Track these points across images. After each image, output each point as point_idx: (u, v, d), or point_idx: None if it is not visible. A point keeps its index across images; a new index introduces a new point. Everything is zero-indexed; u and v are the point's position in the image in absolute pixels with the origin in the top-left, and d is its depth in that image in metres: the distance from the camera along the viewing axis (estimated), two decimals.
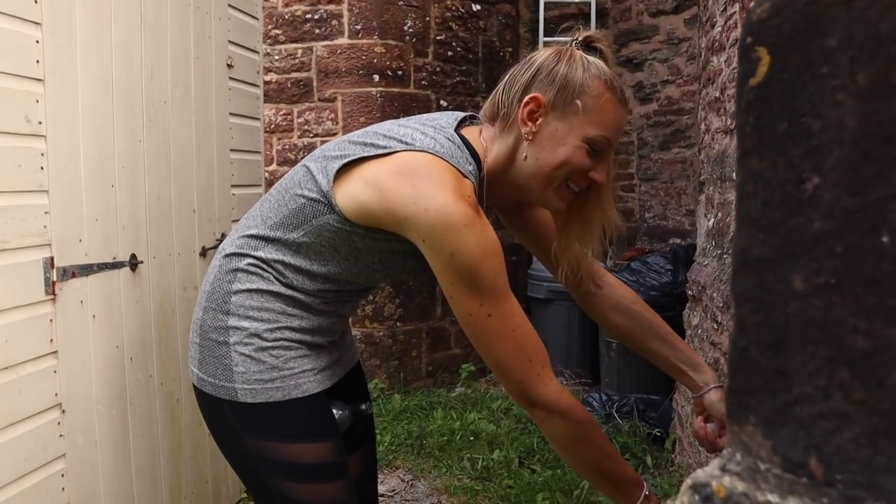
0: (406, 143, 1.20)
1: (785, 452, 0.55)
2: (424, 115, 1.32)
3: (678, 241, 4.83)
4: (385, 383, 3.88)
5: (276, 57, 3.80)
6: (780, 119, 0.54)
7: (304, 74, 3.79)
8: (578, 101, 1.18)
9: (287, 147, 3.84)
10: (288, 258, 1.26)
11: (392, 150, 1.19)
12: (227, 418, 1.28)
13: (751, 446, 0.59)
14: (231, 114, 2.33)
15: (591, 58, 1.22)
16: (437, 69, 3.93)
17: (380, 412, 3.60)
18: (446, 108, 3.96)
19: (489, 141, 1.28)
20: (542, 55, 1.24)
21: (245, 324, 1.26)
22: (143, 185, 1.86)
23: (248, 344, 1.26)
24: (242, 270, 1.28)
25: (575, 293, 1.53)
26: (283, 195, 1.29)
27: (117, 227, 1.76)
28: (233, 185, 2.37)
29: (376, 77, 3.73)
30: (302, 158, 3.94)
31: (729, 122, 2.54)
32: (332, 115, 3.78)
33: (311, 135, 3.82)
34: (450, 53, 3.98)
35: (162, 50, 1.95)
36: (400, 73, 3.79)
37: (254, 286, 1.27)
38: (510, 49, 4.33)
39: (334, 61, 3.76)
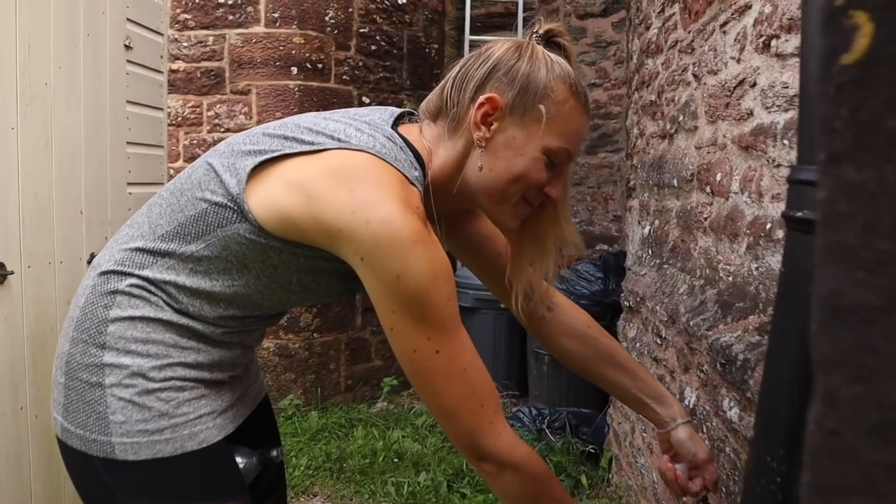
0: (339, 140, 0.98)
1: None
2: (352, 110, 1.10)
3: (605, 247, 4.76)
4: (301, 399, 3.61)
5: (185, 44, 3.47)
6: (892, 111, 0.37)
7: (215, 64, 3.48)
8: (542, 107, 1.01)
9: (195, 142, 3.51)
10: (182, 278, 1.01)
11: (322, 148, 0.97)
12: (100, 479, 1.02)
13: None
14: (129, 101, 2.04)
15: (553, 56, 1.04)
16: (360, 63, 3.70)
17: (295, 432, 3.33)
18: (370, 105, 3.73)
19: (433, 142, 1.08)
20: (499, 48, 1.05)
21: (125, 360, 1.01)
22: (14, 181, 1.56)
23: (128, 386, 1.00)
24: (123, 293, 1.02)
25: (523, 317, 1.34)
26: (178, 198, 1.03)
27: None
28: (129, 183, 2.07)
29: (294, 69, 3.46)
30: None
31: (667, 127, 2.43)
32: (246, 109, 3.49)
33: (223, 129, 3.51)
34: (373, 47, 3.76)
35: (42, 22, 1.65)
36: (320, 66, 3.53)
37: (137, 313, 1.01)
38: (436, 46, 4.15)
39: (249, 51, 3.47)
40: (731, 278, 1.63)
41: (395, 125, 1.06)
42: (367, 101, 3.72)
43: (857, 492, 0.39)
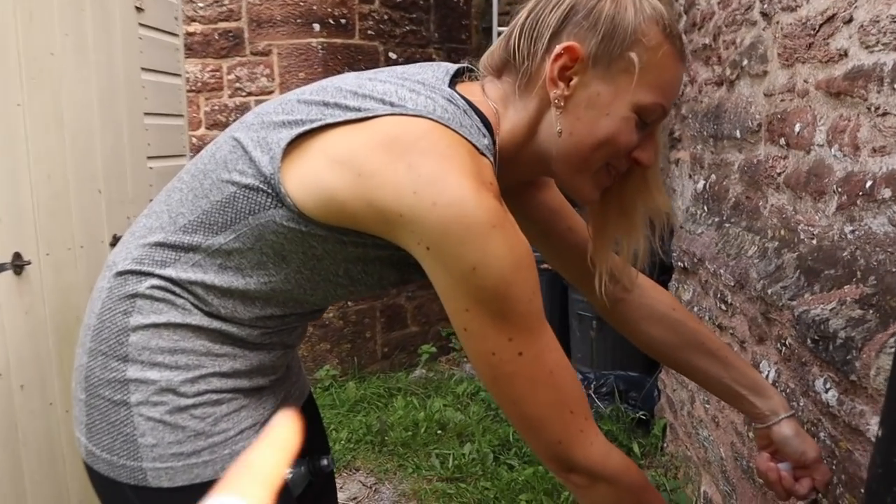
0: (391, 105, 0.81)
1: None
2: (399, 68, 0.93)
3: None
4: (337, 369, 3.52)
5: (200, 4, 3.30)
6: None
7: (233, 24, 3.31)
8: (632, 55, 0.83)
9: (217, 108, 3.37)
10: (211, 276, 0.87)
11: (372, 114, 0.81)
12: None
13: None
14: (143, 69, 1.89)
15: None
16: (385, 17, 3.50)
17: (333, 403, 3.25)
18: (397, 61, 3.55)
19: (500, 103, 0.91)
20: None
21: (152, 374, 0.88)
22: (25, 162, 1.43)
23: (158, 403, 0.87)
24: (144, 296, 0.88)
25: (596, 299, 1.19)
26: (201, 182, 0.88)
27: None
28: (149, 157, 1.94)
29: (316, 26, 3.28)
30: (235, 121, 3.48)
31: (726, 72, 2.23)
32: (268, 71, 3.33)
33: (244, 93, 3.36)
34: None
35: None
36: (343, 21, 3.35)
37: (162, 319, 0.88)
38: None
39: (268, 9, 3.29)
40: (815, 241, 1.46)
41: (452, 84, 0.90)
42: (394, 56, 3.54)
43: None
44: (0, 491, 1.35)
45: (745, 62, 1.97)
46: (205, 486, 0.88)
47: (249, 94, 3.35)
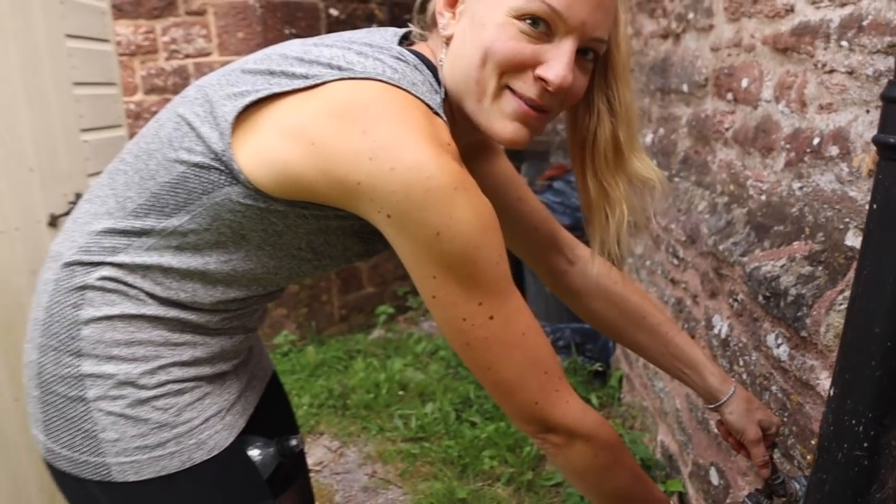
0: (339, 69, 0.78)
1: None
2: (345, 34, 0.88)
3: None
4: (295, 334, 3.49)
5: None
6: None
7: None
8: None
9: (154, 72, 3.22)
10: (168, 259, 0.84)
11: (320, 81, 0.77)
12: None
13: None
14: (68, 35, 1.79)
15: None
16: None
17: (293, 369, 3.23)
18: (338, 18, 3.44)
19: (435, 56, 0.87)
20: None
21: (109, 368, 0.85)
22: None
23: (117, 397, 0.85)
24: (94, 288, 0.85)
25: (541, 270, 1.18)
26: (146, 162, 0.84)
27: None
28: (83, 130, 1.84)
29: None
30: (174, 84, 3.36)
31: (671, 25, 2.21)
32: (205, 32, 3.19)
33: (182, 55, 3.22)
34: None
35: None
36: None
37: (115, 311, 0.84)
38: None
39: None
40: (764, 197, 1.48)
41: (401, 45, 0.87)
42: (335, 13, 3.43)
43: None
44: None
45: (691, 15, 1.96)
46: (172, 478, 0.87)
47: (187, 56, 3.21)
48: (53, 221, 1.68)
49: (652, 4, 2.50)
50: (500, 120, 0.82)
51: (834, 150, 1.18)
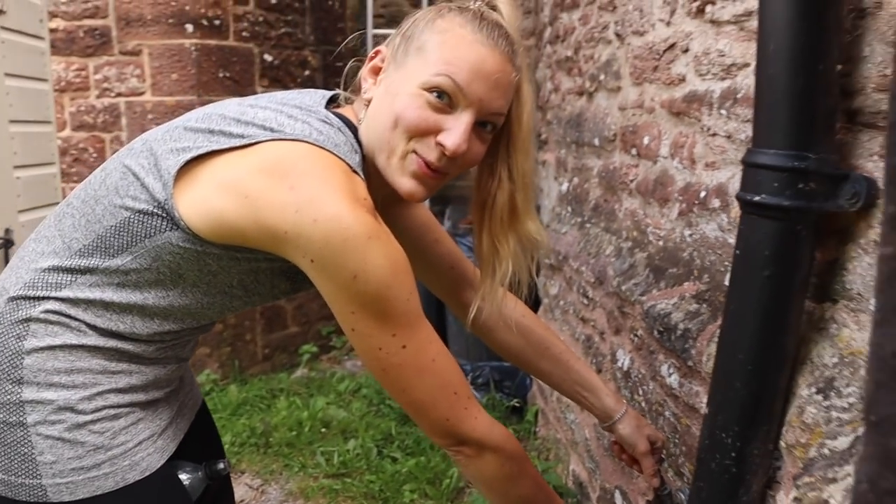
0: (271, 130, 0.89)
1: None
2: (279, 94, 1.00)
3: None
4: (218, 373, 3.48)
5: (63, 0, 3.16)
6: None
7: (99, 22, 3.20)
8: (423, 38, 0.93)
9: (84, 108, 3.24)
10: (109, 294, 0.91)
11: (254, 140, 0.88)
12: None
13: None
14: (7, 74, 1.83)
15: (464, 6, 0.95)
16: (260, 19, 3.49)
17: (215, 408, 3.21)
18: (272, 63, 3.54)
19: (357, 118, 1.00)
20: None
21: (49, 394, 0.91)
22: None
23: (56, 422, 0.91)
24: (38, 320, 0.91)
25: (454, 305, 1.30)
26: (93, 207, 0.93)
27: None
28: (16, 167, 1.87)
29: (189, 27, 3.22)
30: (103, 122, 3.37)
31: (586, 84, 2.42)
32: (139, 72, 3.23)
33: (114, 94, 3.25)
34: (273, 1, 3.54)
35: None
36: (217, 22, 3.31)
37: (57, 341, 0.91)
38: None
39: (137, 7, 3.20)
40: (661, 242, 1.65)
41: (328, 107, 0.98)
42: (270, 58, 3.53)
43: None
44: None
45: (602, 77, 2.16)
46: (106, 498, 0.92)
47: (119, 94, 3.24)
48: None
49: (570, 64, 2.71)
50: (402, 176, 0.94)
51: (716, 203, 1.35)
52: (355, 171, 0.91)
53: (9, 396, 0.91)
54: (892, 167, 0.34)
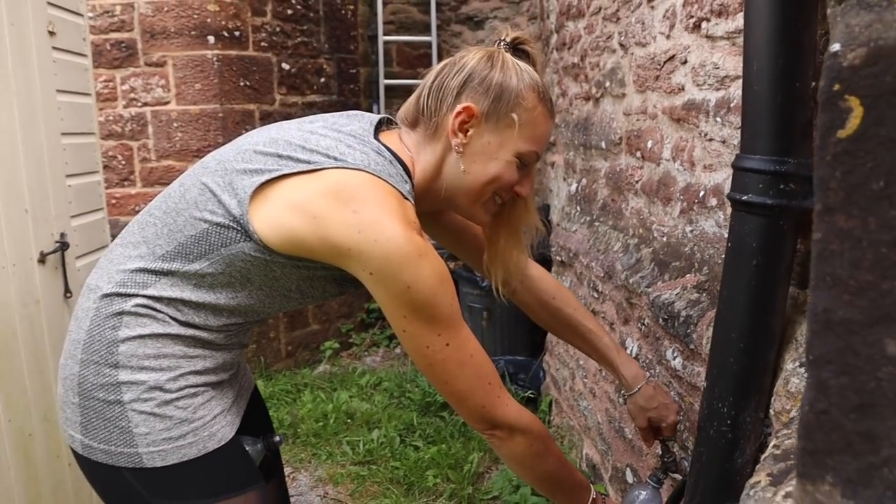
0: (335, 159, 1.04)
1: None
2: (330, 118, 1.16)
3: None
4: None
5: (90, 14, 3.31)
6: (875, 176, 0.49)
7: (125, 35, 3.35)
8: (514, 115, 1.11)
9: (112, 118, 3.40)
10: (187, 294, 1.07)
11: (320, 167, 1.03)
12: (129, 487, 1.08)
13: None
14: (58, 90, 1.98)
15: (521, 63, 1.14)
16: (277, 29, 3.64)
17: None
18: (290, 71, 3.69)
19: (414, 150, 1.16)
20: (472, 58, 1.13)
21: (141, 376, 1.06)
22: None
23: (148, 399, 1.06)
24: (130, 313, 1.07)
25: (503, 291, 1.47)
26: (175, 218, 1.08)
27: None
28: (68, 175, 2.03)
29: (211, 38, 3.37)
30: (131, 131, 3.53)
31: (592, 90, 2.56)
32: (163, 82, 3.39)
33: (140, 104, 3.40)
34: (290, 12, 3.69)
35: None
36: (237, 33, 3.46)
37: (146, 331, 1.07)
38: (351, 7, 4.10)
39: (161, 20, 3.35)
40: (665, 238, 1.79)
41: (376, 134, 1.13)
42: (287, 67, 3.68)
43: (839, 452, 0.53)
44: None
45: (608, 84, 2.29)
46: (190, 463, 1.08)
47: (145, 104, 3.40)
48: (42, 258, 1.85)
49: (576, 70, 2.84)
50: (484, 214, 1.19)
51: (713, 202, 1.49)
52: (406, 198, 1.06)
53: (108, 379, 1.06)
54: (820, 178, 0.48)
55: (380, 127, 1.18)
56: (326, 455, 2.89)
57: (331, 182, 1.02)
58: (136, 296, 1.07)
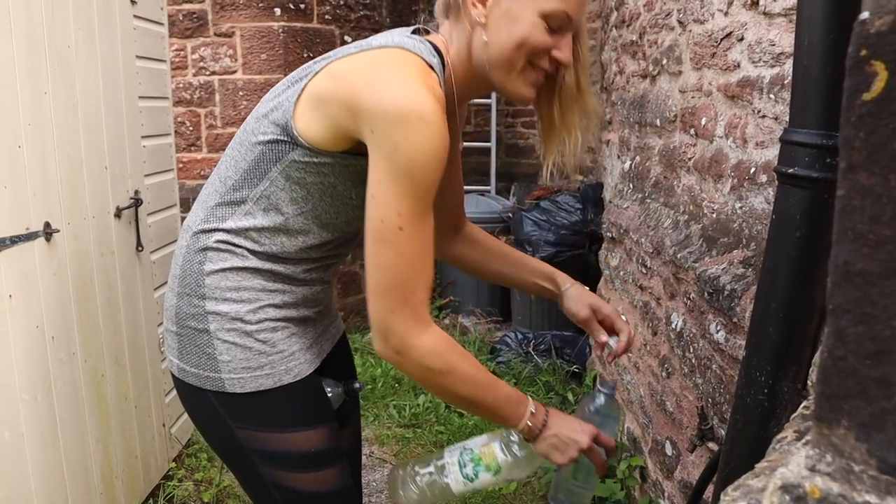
0: (381, 45, 1.09)
1: (882, 455, 0.56)
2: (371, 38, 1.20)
3: (580, 177, 4.92)
4: None
5: None
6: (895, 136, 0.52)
7: (197, 6, 3.48)
8: None
9: (182, 86, 3.54)
10: (259, 220, 1.14)
11: (368, 47, 1.09)
12: (213, 409, 1.18)
13: (843, 448, 0.60)
14: (138, 56, 2.10)
15: None
16: (341, 3, 3.71)
17: None
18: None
19: (447, 36, 1.18)
20: None
21: (224, 307, 1.16)
22: (52, 143, 1.65)
23: (230, 330, 1.16)
24: (212, 248, 1.16)
25: (441, 245, 1.45)
26: (238, 150, 1.17)
27: (28, 194, 1.56)
28: (143, 136, 2.15)
29: (277, 10, 3.48)
30: (199, 98, 3.67)
31: (649, 68, 2.56)
32: (231, 52, 3.51)
33: (208, 72, 3.54)
34: None
35: None
36: (302, 6, 3.55)
37: (227, 264, 1.16)
38: None
39: None
40: (714, 215, 1.81)
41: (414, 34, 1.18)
42: (349, 40, 3.76)
43: (855, 397, 0.57)
44: (38, 431, 1.59)
45: (665, 61, 2.30)
46: (266, 393, 1.17)
47: (213, 73, 3.52)
48: (118, 213, 1.98)
49: (634, 48, 2.84)
50: (524, 85, 1.13)
51: (763, 178, 1.51)
52: (432, 68, 1.09)
53: (197, 309, 1.17)
54: (845, 137, 0.53)
55: (416, 32, 1.20)
56: (374, 417, 2.99)
57: (371, 54, 1.07)
58: (217, 230, 1.16)
